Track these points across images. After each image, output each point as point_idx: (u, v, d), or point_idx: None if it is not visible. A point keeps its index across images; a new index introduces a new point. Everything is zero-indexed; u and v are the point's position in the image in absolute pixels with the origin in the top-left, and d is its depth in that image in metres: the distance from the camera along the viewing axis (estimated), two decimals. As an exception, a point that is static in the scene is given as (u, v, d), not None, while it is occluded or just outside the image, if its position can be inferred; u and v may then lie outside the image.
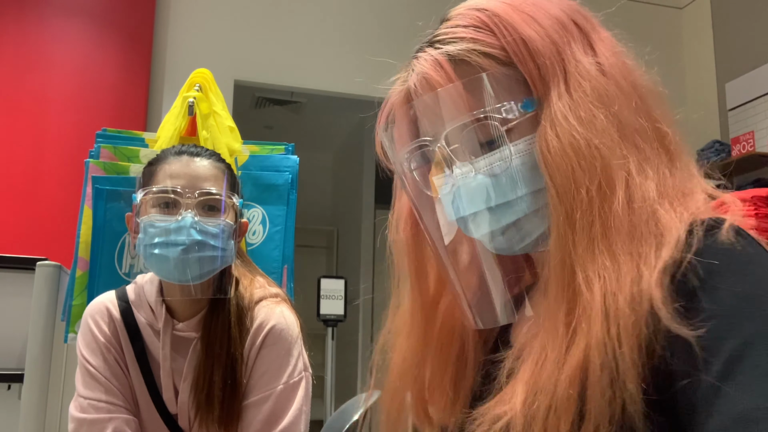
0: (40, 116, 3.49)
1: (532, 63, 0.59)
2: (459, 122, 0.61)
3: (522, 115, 0.59)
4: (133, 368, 1.19)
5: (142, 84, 3.76)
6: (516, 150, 0.59)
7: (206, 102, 1.81)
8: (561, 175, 0.56)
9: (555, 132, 0.57)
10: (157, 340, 1.19)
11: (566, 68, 0.59)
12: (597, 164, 0.55)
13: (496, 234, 0.61)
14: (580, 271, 0.54)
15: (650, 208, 0.54)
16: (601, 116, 0.56)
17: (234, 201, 1.18)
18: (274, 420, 1.15)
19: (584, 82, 0.58)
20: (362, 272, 5.49)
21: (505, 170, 0.60)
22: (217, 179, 1.17)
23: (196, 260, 1.12)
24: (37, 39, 3.57)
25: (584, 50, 0.60)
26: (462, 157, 0.61)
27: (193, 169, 1.16)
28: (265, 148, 1.89)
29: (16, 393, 2.17)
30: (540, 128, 0.58)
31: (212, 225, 1.14)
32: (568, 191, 0.55)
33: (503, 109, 0.60)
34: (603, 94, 0.58)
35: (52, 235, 3.24)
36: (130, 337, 1.20)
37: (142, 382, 1.19)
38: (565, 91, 0.58)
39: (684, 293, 0.50)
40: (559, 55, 0.59)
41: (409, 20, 4.69)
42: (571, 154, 0.56)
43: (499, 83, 0.60)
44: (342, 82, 4.27)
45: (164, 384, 1.19)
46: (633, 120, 0.58)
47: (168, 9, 3.95)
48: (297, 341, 1.21)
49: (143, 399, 1.20)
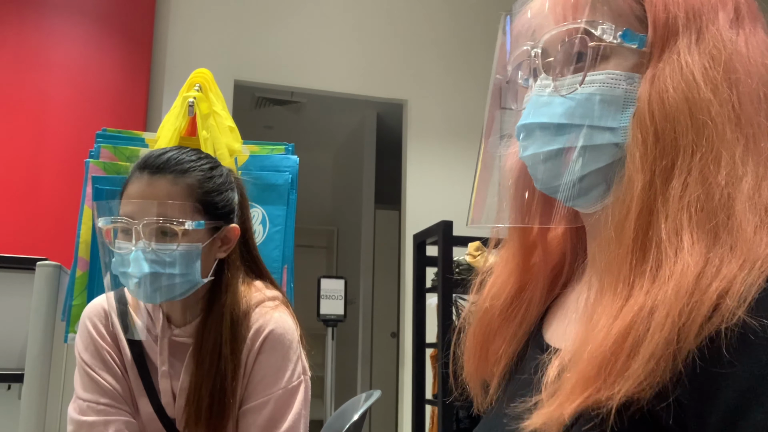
0: (40, 116, 3.49)
1: (663, 6, 0.56)
2: (557, 29, 0.58)
3: (619, 43, 0.56)
4: (131, 371, 1.19)
5: (142, 84, 3.76)
6: (596, 79, 0.56)
7: (206, 102, 1.81)
8: (669, 124, 0.52)
9: (675, 80, 0.53)
10: (155, 344, 1.19)
11: (702, 29, 0.56)
12: (711, 131, 0.52)
13: (537, 158, 0.59)
14: (665, 227, 0.51)
15: (734, 208, 0.51)
16: (725, 88, 0.53)
17: (186, 227, 1.09)
18: (273, 425, 1.15)
19: (717, 51, 0.54)
20: (362, 272, 5.49)
21: (576, 94, 0.56)
22: (176, 198, 1.11)
23: (155, 290, 1.10)
24: (37, 39, 3.57)
25: (730, 23, 0.57)
26: (551, 71, 0.58)
27: (148, 191, 1.11)
28: (265, 148, 1.88)
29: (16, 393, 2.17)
30: (654, 72, 0.55)
31: (167, 252, 1.09)
32: (672, 143, 0.52)
33: (600, 27, 0.56)
34: (731, 69, 0.54)
35: (52, 235, 3.24)
36: (128, 341, 1.19)
37: (140, 385, 1.19)
38: (695, 48, 0.55)
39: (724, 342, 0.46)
40: (699, 14, 0.56)
41: (409, 20, 4.72)
42: (686, 109, 0.52)
43: (616, 7, 0.57)
44: (342, 82, 4.27)
45: (162, 389, 1.18)
46: (752, 108, 0.54)
47: (168, 9, 3.95)
48: (295, 345, 1.20)
49: (142, 402, 1.19)
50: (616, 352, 0.48)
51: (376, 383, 5.37)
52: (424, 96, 4.38)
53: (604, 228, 0.56)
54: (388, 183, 5.43)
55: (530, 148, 0.59)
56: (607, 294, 0.52)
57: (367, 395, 2.00)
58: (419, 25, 4.43)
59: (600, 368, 0.48)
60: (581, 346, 0.51)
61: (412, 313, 3.17)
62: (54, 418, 1.72)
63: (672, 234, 0.50)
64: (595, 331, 0.51)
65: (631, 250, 0.52)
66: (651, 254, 0.51)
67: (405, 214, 4.30)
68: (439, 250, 2.71)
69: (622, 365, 0.48)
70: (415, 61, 4.38)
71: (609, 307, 0.51)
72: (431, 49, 4.42)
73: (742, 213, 0.50)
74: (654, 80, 0.54)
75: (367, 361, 5.48)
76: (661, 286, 0.49)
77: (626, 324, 0.49)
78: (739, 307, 0.46)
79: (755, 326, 0.45)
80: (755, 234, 0.50)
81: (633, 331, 0.48)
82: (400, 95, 4.39)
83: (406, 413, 3.87)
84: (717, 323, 0.46)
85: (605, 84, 0.56)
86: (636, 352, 0.47)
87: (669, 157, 0.52)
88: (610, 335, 0.49)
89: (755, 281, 0.47)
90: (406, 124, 4.43)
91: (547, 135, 0.58)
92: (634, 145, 0.54)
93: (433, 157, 4.33)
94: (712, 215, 0.50)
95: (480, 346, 0.69)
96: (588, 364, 0.49)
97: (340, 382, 5.07)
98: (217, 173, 1.20)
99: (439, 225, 2.73)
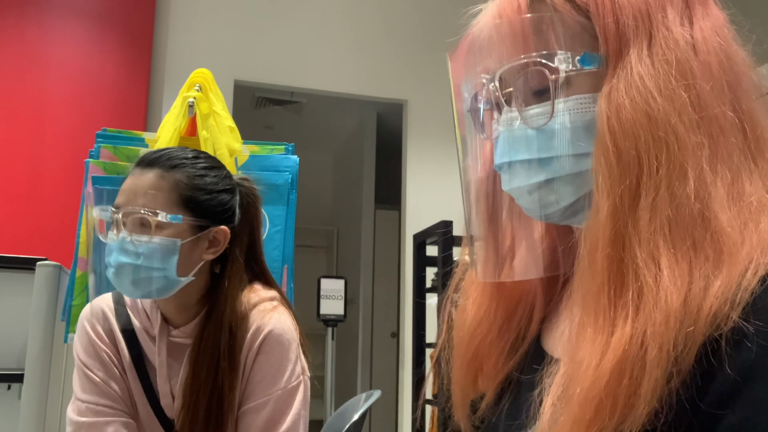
0: (40, 116, 3.49)
1: (612, 17, 0.54)
2: (512, 62, 0.56)
3: (579, 69, 0.54)
4: (130, 373, 1.19)
5: (142, 84, 3.76)
6: (565, 107, 0.55)
7: (206, 102, 1.81)
8: (629, 142, 0.50)
9: (630, 95, 0.51)
10: (153, 345, 1.18)
11: (652, 33, 0.53)
12: (672, 143, 0.50)
13: (524, 191, 0.58)
14: (639, 251, 0.49)
15: (713, 214, 0.49)
16: (682, 93, 0.51)
17: (160, 219, 1.10)
18: (273, 425, 1.15)
19: (669, 53, 0.52)
20: (362, 272, 5.50)
21: (550, 125, 0.55)
22: (158, 191, 1.12)
23: (131, 282, 1.10)
24: (37, 39, 3.57)
25: (680, 20, 0.55)
26: (514, 103, 0.57)
27: (135, 184, 1.13)
28: (265, 148, 1.89)
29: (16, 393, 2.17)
30: (609, 88, 0.53)
31: (143, 243, 1.10)
32: (634, 162, 0.50)
33: (557, 57, 0.55)
34: (687, 71, 0.52)
35: (52, 235, 3.24)
36: (127, 342, 1.19)
37: (139, 386, 1.18)
38: (647, 56, 0.53)
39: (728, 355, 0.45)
40: (647, 18, 0.54)
41: (409, 20, 4.71)
42: (645, 123, 0.50)
43: (567, 29, 0.55)
44: (342, 82, 4.27)
45: (161, 390, 1.18)
46: (714, 106, 0.52)
47: (168, 9, 3.95)
48: (294, 345, 1.20)
49: (141, 403, 1.19)
50: (613, 393, 0.47)
51: (376, 383, 5.37)
52: (424, 96, 4.38)
53: (579, 258, 0.54)
54: (388, 183, 5.43)
55: (514, 182, 0.58)
56: (588, 329, 0.50)
57: (367, 395, 2.00)
58: (419, 25, 4.43)
59: (597, 411, 0.47)
60: (569, 386, 0.50)
61: (412, 313, 3.17)
62: (54, 418, 1.72)
63: (648, 259, 0.48)
64: (581, 369, 0.49)
65: (607, 280, 0.50)
66: (630, 283, 0.49)
67: (405, 214, 4.30)
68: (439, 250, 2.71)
69: (624, 405, 0.46)
70: (415, 61, 4.38)
71: (592, 343, 0.49)
72: (431, 49, 4.42)
73: (723, 219, 0.48)
74: (610, 97, 0.53)
75: (367, 361, 5.48)
76: (647, 317, 0.47)
77: (618, 361, 0.47)
78: (733, 312, 0.45)
79: (749, 330, 0.44)
80: (742, 233, 0.48)
81: (628, 369, 0.47)
82: (400, 95, 4.39)
83: (406, 413, 3.87)
84: (713, 334, 0.46)
85: (574, 111, 0.55)
86: (636, 391, 0.46)
87: (633, 177, 0.50)
88: (602, 375, 0.47)
89: (748, 285, 0.46)
90: (406, 124, 4.43)
91: (528, 169, 0.57)
92: (597, 169, 0.52)
93: (433, 157, 4.33)
94: (687, 232, 0.48)
95: (466, 372, 0.67)
96: (582, 408, 0.48)
97: (340, 382, 5.07)
98: (213, 174, 1.20)
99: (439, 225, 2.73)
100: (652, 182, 0.50)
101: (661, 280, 0.48)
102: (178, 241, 1.12)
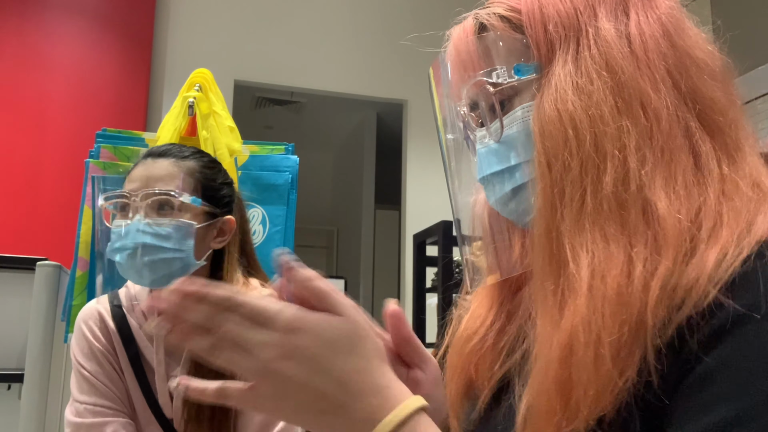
0: (40, 116, 3.50)
1: (541, 28, 0.57)
2: (466, 85, 0.61)
3: (516, 80, 0.58)
4: (128, 373, 1.19)
5: (142, 84, 3.76)
6: (513, 117, 0.58)
7: (206, 102, 1.81)
8: (552, 143, 0.53)
9: (550, 99, 0.54)
10: (151, 345, 1.19)
11: (580, 35, 0.56)
12: (588, 135, 0.52)
13: (501, 202, 0.61)
14: (567, 242, 0.51)
15: (643, 197, 0.50)
16: (599, 84, 0.53)
17: (182, 200, 1.13)
18: (270, 421, 1.15)
19: (594, 49, 0.54)
20: (362, 272, 5.49)
21: (505, 136, 0.59)
22: (173, 178, 1.15)
23: (147, 264, 1.11)
24: (37, 39, 3.57)
25: (615, 14, 0.56)
26: (484, 122, 0.61)
27: (149, 171, 1.15)
28: (265, 148, 1.89)
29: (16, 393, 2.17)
30: (540, 95, 0.56)
31: (163, 225, 1.12)
32: (557, 160, 0.53)
33: (494, 73, 0.58)
34: (611, 62, 0.53)
35: (52, 235, 3.24)
36: (124, 343, 1.19)
37: (137, 386, 1.19)
38: (571, 57, 0.55)
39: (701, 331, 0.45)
40: (575, 21, 0.56)
41: (409, 20, 4.72)
42: (565, 123, 0.53)
43: (506, 47, 0.59)
44: (342, 82, 4.27)
45: (159, 389, 1.18)
46: (645, 92, 0.52)
47: (168, 9, 3.95)
48: None
49: (139, 403, 1.19)
50: (561, 383, 0.48)
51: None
52: (424, 96, 4.35)
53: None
54: (388, 183, 5.43)
55: (492, 196, 0.62)
56: (538, 322, 0.52)
57: (367, 395, 1.99)
58: (419, 25, 4.43)
59: (550, 404, 0.48)
60: (533, 381, 0.51)
61: (412, 313, 3.17)
62: (54, 418, 1.72)
63: (577, 249, 0.50)
64: (536, 365, 0.51)
65: (545, 274, 0.52)
66: (561, 274, 0.51)
67: (405, 214, 4.30)
68: (439, 250, 2.71)
69: (572, 396, 0.47)
70: (415, 61, 4.38)
71: (541, 336, 0.51)
72: (431, 49, 4.42)
73: (657, 202, 0.49)
74: (539, 105, 0.55)
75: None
76: (576, 305, 0.48)
77: (560, 351, 0.48)
78: (712, 289, 0.45)
79: (729, 306, 0.44)
80: (683, 215, 0.49)
81: (568, 358, 0.48)
82: (400, 95, 4.39)
83: (406, 413, 3.86)
84: (687, 311, 0.45)
85: (521, 120, 0.58)
86: (578, 379, 0.47)
87: (557, 174, 0.53)
88: (549, 370, 0.49)
89: (729, 264, 0.46)
90: (406, 124, 4.43)
91: (501, 180, 0.60)
92: (535, 174, 0.55)
93: (433, 157, 4.33)
94: (616, 218, 0.50)
95: (461, 373, 0.67)
96: (541, 402, 0.49)
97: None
98: (217, 168, 1.25)
99: (439, 225, 2.73)
100: (571, 176, 0.52)
101: (587, 268, 0.49)
102: (195, 225, 1.15)
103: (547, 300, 0.52)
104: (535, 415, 0.49)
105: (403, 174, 4.40)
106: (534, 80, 0.57)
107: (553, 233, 0.52)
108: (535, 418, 0.50)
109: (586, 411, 0.46)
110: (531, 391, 0.51)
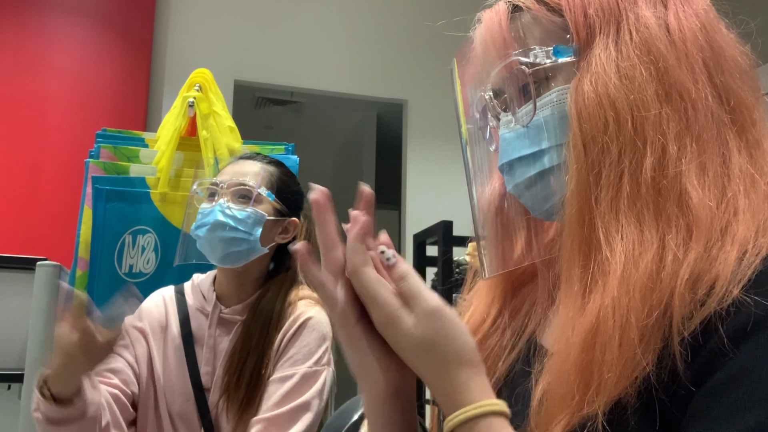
0: (40, 116, 3.49)
1: (581, 11, 0.57)
2: (496, 67, 0.60)
3: (554, 62, 0.57)
4: (176, 347, 1.34)
5: (142, 84, 3.76)
6: (548, 100, 0.57)
7: (206, 102, 1.81)
8: (590, 126, 0.53)
9: (591, 82, 0.54)
10: (205, 321, 1.36)
11: (620, 20, 0.56)
12: (630, 120, 0.52)
13: (521, 187, 0.60)
14: (600, 225, 0.51)
15: (680, 185, 0.50)
16: (642, 70, 0.53)
17: (260, 191, 1.36)
18: (291, 396, 1.26)
19: (636, 35, 0.55)
20: (362, 272, 5.48)
21: (536, 120, 0.58)
22: (255, 175, 1.37)
23: (220, 239, 1.30)
24: (37, 39, 3.57)
25: (654, 3, 0.57)
26: (509, 107, 0.60)
27: (238, 168, 1.38)
28: (265, 148, 1.89)
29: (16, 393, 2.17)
30: (578, 77, 0.56)
31: (239, 210, 1.32)
32: (596, 143, 0.53)
33: (532, 53, 0.58)
34: (653, 49, 0.54)
35: (52, 235, 3.24)
36: (181, 322, 1.36)
37: (183, 359, 1.33)
38: (612, 42, 0.55)
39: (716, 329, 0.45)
40: (616, 6, 0.56)
41: (409, 20, 4.71)
42: (605, 106, 0.53)
43: (543, 30, 0.58)
44: (342, 82, 4.27)
45: (205, 358, 1.33)
46: (684, 82, 0.53)
47: (168, 9, 3.95)
48: (328, 338, 1.35)
49: (180, 373, 1.32)
50: (582, 367, 0.48)
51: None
52: (424, 96, 4.38)
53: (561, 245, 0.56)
54: (388, 183, 5.42)
55: (513, 181, 0.61)
56: (563, 307, 0.52)
57: (367, 395, 1.99)
58: (419, 25, 4.43)
59: (569, 387, 0.48)
60: (552, 365, 0.51)
61: (412, 313, 3.16)
62: (54, 418, 1.72)
63: (610, 233, 0.50)
64: (557, 346, 0.51)
65: (575, 259, 0.52)
66: (593, 258, 0.51)
67: (405, 214, 4.30)
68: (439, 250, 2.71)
69: (593, 378, 0.47)
70: (415, 61, 4.38)
71: (565, 320, 0.51)
72: (431, 49, 4.42)
73: (692, 191, 0.50)
74: (577, 86, 0.55)
75: (367, 361, 5.47)
76: (608, 289, 0.49)
77: (584, 335, 0.48)
78: (735, 287, 0.46)
79: (751, 305, 0.45)
80: (716, 206, 0.49)
81: (593, 342, 0.48)
82: (400, 95, 4.39)
83: (406, 413, 3.87)
84: (711, 307, 0.46)
85: (557, 102, 0.57)
86: (602, 360, 0.47)
87: (594, 157, 0.53)
88: (572, 349, 0.49)
89: (750, 263, 0.46)
90: (406, 124, 4.43)
91: (524, 166, 0.59)
92: (568, 155, 0.55)
93: (433, 157, 4.33)
94: (651, 205, 0.50)
95: None
96: (559, 384, 0.49)
97: (340, 382, 5.06)
98: (292, 177, 1.46)
99: (439, 225, 2.73)
100: (609, 159, 0.52)
101: (621, 252, 0.49)
102: (265, 215, 1.35)
103: (572, 285, 0.52)
104: (552, 399, 0.49)
105: (403, 174, 4.40)
106: (572, 63, 0.57)
107: (586, 216, 0.52)
108: (552, 401, 0.49)
109: (606, 394, 0.46)
110: (548, 374, 0.51)
